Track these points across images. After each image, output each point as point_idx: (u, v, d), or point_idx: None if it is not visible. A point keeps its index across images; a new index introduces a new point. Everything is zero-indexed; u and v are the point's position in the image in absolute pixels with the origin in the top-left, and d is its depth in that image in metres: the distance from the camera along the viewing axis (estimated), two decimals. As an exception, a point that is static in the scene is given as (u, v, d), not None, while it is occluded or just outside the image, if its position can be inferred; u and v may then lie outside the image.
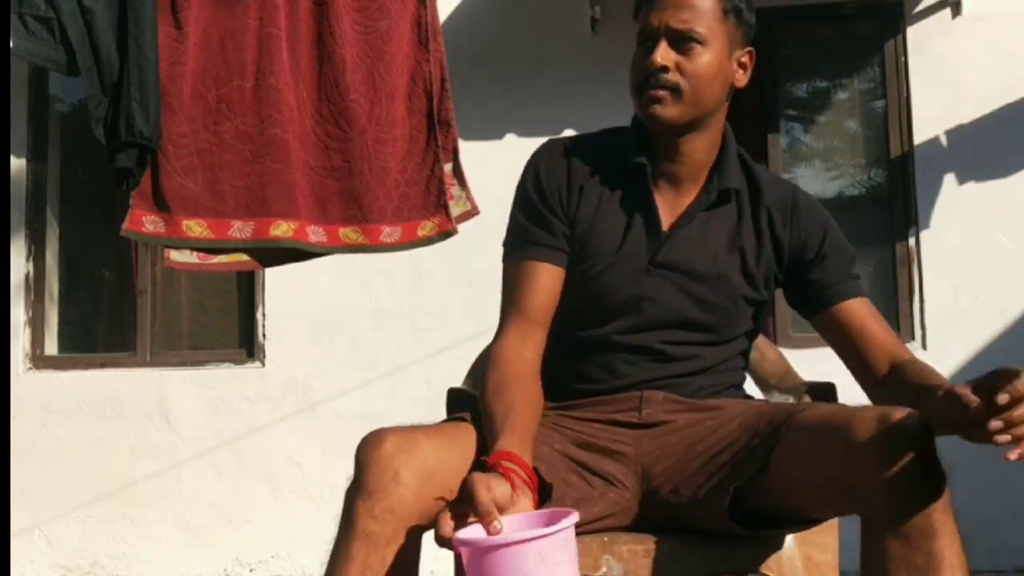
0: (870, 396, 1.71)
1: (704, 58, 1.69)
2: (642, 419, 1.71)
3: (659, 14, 1.69)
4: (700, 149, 1.75)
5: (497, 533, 1.33)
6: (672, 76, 1.68)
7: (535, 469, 1.53)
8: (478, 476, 1.38)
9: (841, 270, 1.78)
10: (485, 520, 1.34)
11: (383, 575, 1.44)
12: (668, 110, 1.69)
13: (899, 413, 1.41)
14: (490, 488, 1.36)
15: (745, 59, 1.77)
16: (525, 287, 1.73)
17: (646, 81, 1.70)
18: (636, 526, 1.69)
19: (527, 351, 1.70)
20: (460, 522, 1.38)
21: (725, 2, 1.71)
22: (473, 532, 1.35)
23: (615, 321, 1.72)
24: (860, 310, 1.75)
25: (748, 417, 1.68)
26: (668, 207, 1.75)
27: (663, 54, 1.68)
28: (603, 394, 1.74)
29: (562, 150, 1.81)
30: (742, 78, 1.78)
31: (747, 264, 1.74)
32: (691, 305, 1.71)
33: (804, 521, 1.63)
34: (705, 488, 1.62)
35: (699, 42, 1.69)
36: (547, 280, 1.74)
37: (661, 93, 1.69)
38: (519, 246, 1.77)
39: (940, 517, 1.38)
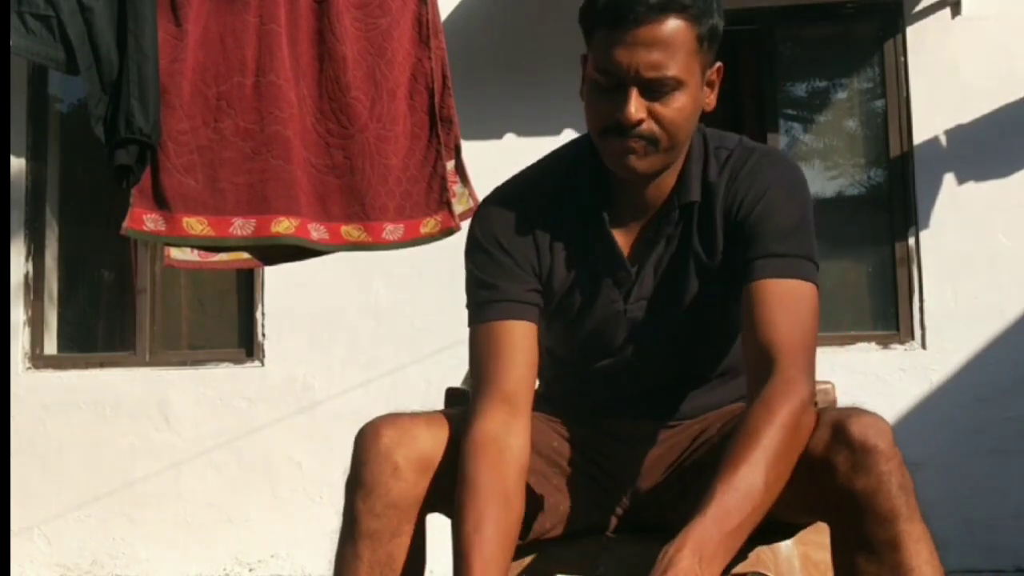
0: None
1: (680, 101, 1.46)
2: (634, 444, 1.69)
3: (628, 54, 1.43)
4: (665, 179, 1.58)
5: None
6: (646, 126, 1.46)
7: (528, 485, 1.54)
8: None
9: (760, 244, 1.51)
10: None
11: (391, 569, 1.45)
12: (642, 162, 1.50)
13: (853, 421, 1.35)
14: None
15: (714, 77, 1.54)
16: (501, 356, 1.54)
17: (615, 129, 1.48)
18: (632, 527, 1.69)
19: (512, 438, 1.49)
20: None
21: (700, 27, 1.46)
22: None
23: (600, 364, 1.65)
24: (762, 297, 1.47)
25: (728, 421, 1.65)
26: (630, 235, 1.60)
27: (636, 106, 1.45)
28: (593, 421, 1.71)
29: (512, 199, 1.63)
30: (712, 100, 1.55)
31: (716, 267, 1.58)
32: (673, 330, 1.62)
33: (801, 526, 1.60)
34: (692, 493, 1.61)
35: (675, 88, 1.45)
36: (525, 343, 1.55)
37: (634, 144, 1.48)
38: (486, 304, 1.59)
39: (905, 526, 1.32)
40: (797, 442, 1.37)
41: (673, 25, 1.43)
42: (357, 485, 1.46)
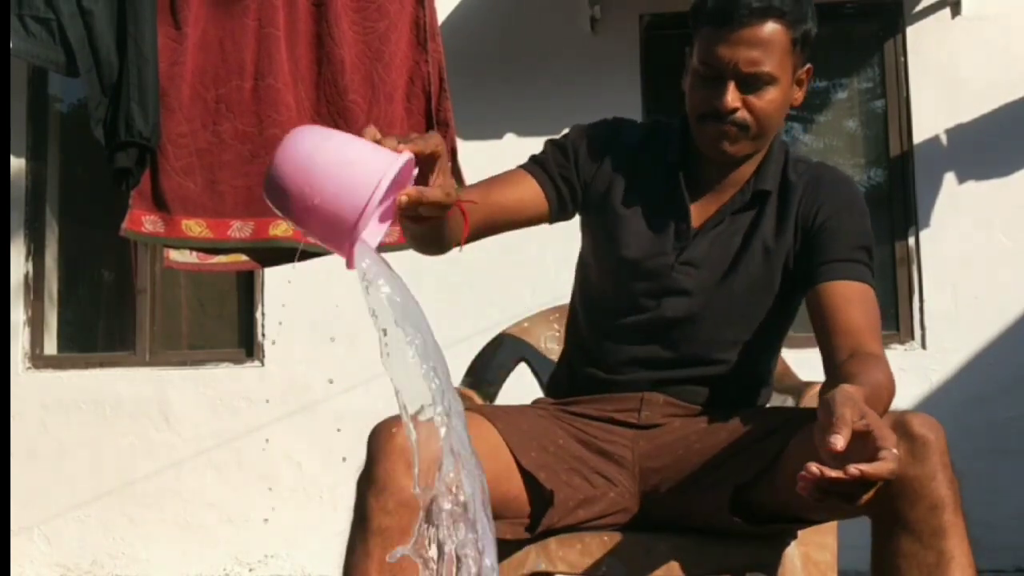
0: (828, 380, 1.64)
1: (772, 95, 1.65)
2: (640, 421, 1.72)
3: (729, 50, 1.61)
4: (744, 168, 1.75)
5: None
6: (741, 115, 1.65)
7: (535, 479, 1.58)
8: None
9: (839, 249, 1.68)
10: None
11: (401, 567, 1.45)
12: (735, 147, 1.68)
13: (913, 417, 1.43)
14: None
15: (803, 76, 1.72)
16: (503, 183, 1.73)
17: (713, 115, 1.66)
18: (636, 525, 1.69)
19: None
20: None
21: (795, 31, 1.64)
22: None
23: (634, 314, 1.73)
24: (842, 293, 1.65)
25: (750, 417, 1.69)
26: (702, 207, 1.75)
27: (733, 96, 1.63)
28: (607, 386, 1.75)
29: (614, 133, 1.81)
30: (800, 96, 1.73)
31: (771, 262, 1.72)
32: (712, 302, 1.71)
33: (809, 520, 1.63)
34: (705, 485, 1.63)
35: (768, 82, 1.64)
36: (526, 193, 1.73)
37: (728, 129, 1.66)
38: (530, 160, 1.78)
39: (951, 517, 1.39)
40: (892, 391, 1.52)
41: (771, 28, 1.61)
42: (370, 483, 1.48)
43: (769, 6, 1.60)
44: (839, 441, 1.24)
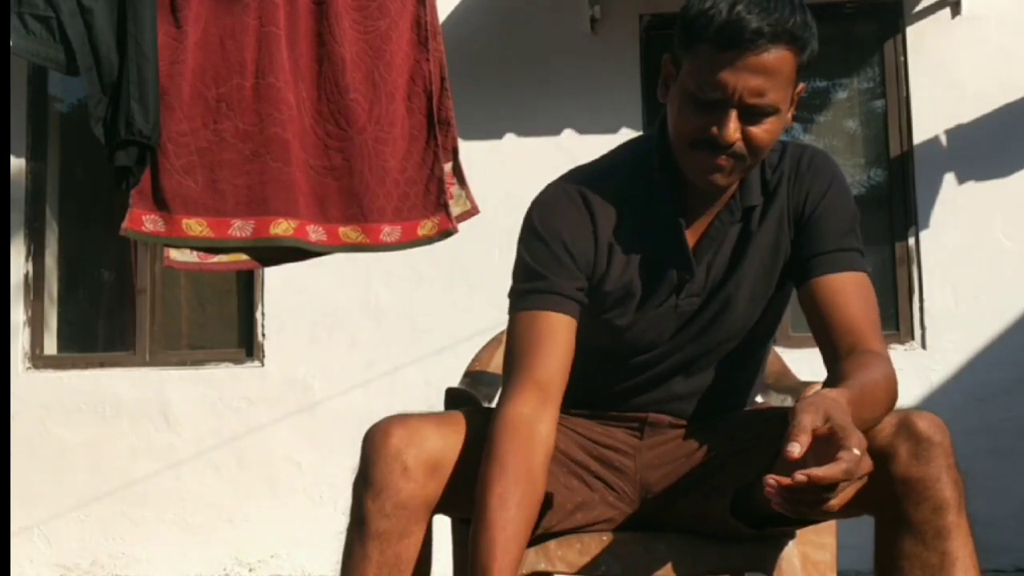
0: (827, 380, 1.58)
1: (772, 124, 1.51)
2: (642, 438, 1.71)
3: (734, 77, 1.45)
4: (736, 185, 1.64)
5: None
6: (738, 147, 1.50)
7: None
8: None
9: (829, 239, 1.60)
10: None
11: (399, 570, 1.46)
12: (726, 179, 1.55)
13: (919, 417, 1.41)
14: None
15: (796, 96, 1.57)
16: (540, 345, 1.57)
17: (708, 144, 1.51)
18: (635, 527, 1.69)
19: (541, 424, 1.53)
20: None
21: (803, 56, 1.49)
22: None
23: (636, 357, 1.67)
24: (837, 287, 1.57)
25: (749, 420, 1.69)
26: (692, 233, 1.65)
27: (735, 127, 1.48)
28: (609, 409, 1.72)
29: (575, 194, 1.64)
30: (790, 117, 1.58)
31: (767, 267, 1.65)
32: (713, 323, 1.65)
33: (810, 520, 1.63)
34: (706, 489, 1.63)
35: (771, 113, 1.49)
36: (564, 336, 1.58)
37: (723, 162, 1.52)
38: (533, 293, 1.61)
39: (955, 518, 1.38)
40: (892, 389, 1.48)
41: (781, 54, 1.47)
42: (366, 485, 1.47)
43: (782, 30, 1.44)
44: (795, 448, 1.24)
